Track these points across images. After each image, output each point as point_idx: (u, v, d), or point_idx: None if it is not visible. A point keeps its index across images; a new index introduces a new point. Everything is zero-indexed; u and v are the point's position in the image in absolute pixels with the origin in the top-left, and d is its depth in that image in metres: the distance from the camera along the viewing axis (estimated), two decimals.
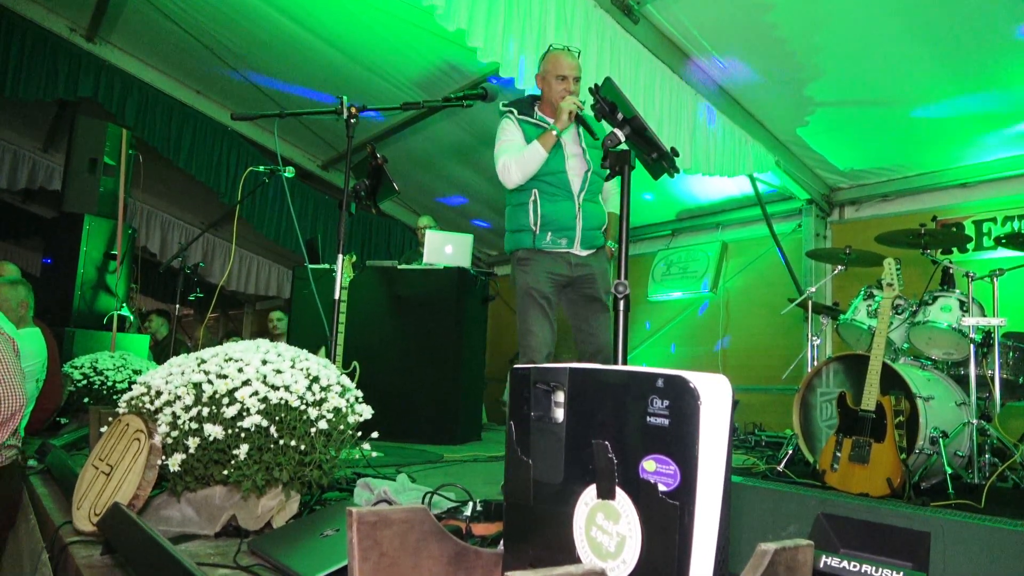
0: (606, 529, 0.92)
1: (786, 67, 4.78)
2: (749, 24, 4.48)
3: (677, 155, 1.89)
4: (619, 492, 0.91)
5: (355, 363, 3.84)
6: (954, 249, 4.91)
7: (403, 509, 0.93)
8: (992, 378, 3.28)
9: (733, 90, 5.16)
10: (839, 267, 3.96)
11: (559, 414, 1.03)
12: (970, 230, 5.07)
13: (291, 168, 4.32)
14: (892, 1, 4.00)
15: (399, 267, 4.74)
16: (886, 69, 4.53)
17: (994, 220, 4.97)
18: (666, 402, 0.87)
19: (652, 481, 0.87)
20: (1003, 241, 3.35)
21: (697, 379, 0.85)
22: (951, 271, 3.49)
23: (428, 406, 4.58)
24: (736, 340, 6.34)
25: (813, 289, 3.91)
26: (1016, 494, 3.24)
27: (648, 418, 0.89)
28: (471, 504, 1.66)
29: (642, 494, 0.88)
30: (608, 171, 1.93)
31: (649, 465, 0.88)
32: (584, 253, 3.08)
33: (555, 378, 1.04)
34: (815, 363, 3.85)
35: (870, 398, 2.99)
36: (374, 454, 1.84)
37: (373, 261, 4.84)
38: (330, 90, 6.34)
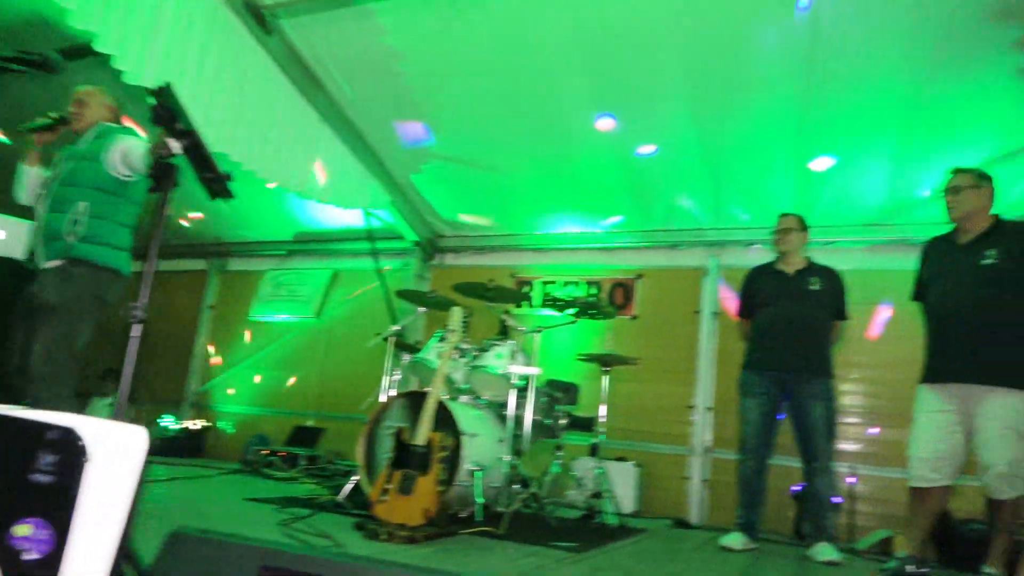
0: None
1: (410, 115, 5.08)
2: (380, 66, 4.64)
3: (230, 179, 1.83)
4: None
5: None
6: (523, 303, 5.70)
7: None
8: (525, 419, 3.83)
9: (360, 125, 5.28)
10: (422, 308, 4.27)
11: None
12: (539, 288, 5.95)
13: None
14: (496, 82, 4.53)
15: None
16: (488, 138, 5.09)
17: (555, 282, 5.91)
18: (54, 457, 0.78)
19: (19, 548, 0.76)
20: (546, 303, 3.97)
21: (94, 432, 0.78)
22: (508, 324, 4.02)
23: None
24: (333, 368, 6.43)
25: (399, 328, 4.14)
26: (533, 520, 3.80)
27: (33, 475, 0.78)
28: None
29: (9, 563, 0.77)
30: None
31: (22, 530, 0.77)
32: (48, 265, 2.99)
33: None
34: None
35: (422, 434, 3.24)
36: None
37: None
38: None
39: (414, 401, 3.66)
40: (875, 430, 4.79)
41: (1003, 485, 2.85)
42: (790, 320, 3.71)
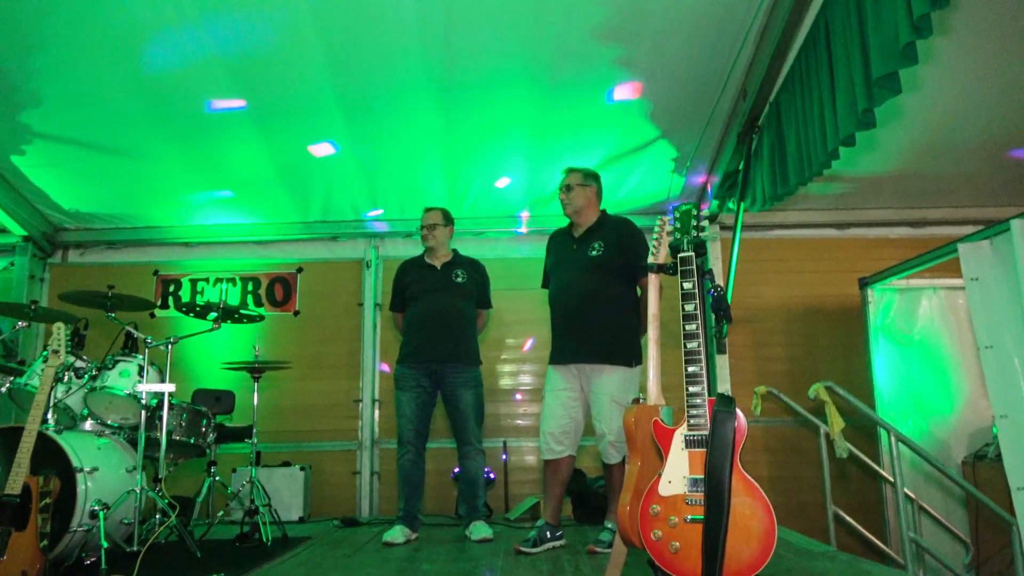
0: None
1: None
2: None
3: None
4: None
5: None
6: (155, 310, 5.11)
7: None
8: (161, 441, 3.40)
9: None
10: (21, 323, 3.54)
11: None
12: (187, 288, 5.37)
13: None
14: (109, 52, 3.89)
15: None
16: (109, 117, 4.37)
17: (207, 280, 5.39)
18: None
19: None
20: (183, 309, 3.56)
21: None
22: (134, 336, 3.51)
23: None
24: None
25: None
26: (178, 553, 3.39)
27: None
28: None
29: None
30: None
31: None
32: None
33: None
34: None
35: (17, 480, 2.68)
36: None
37: None
38: None
39: (8, 439, 3.02)
40: (523, 406, 5.24)
41: (612, 451, 3.26)
42: (438, 312, 3.82)
